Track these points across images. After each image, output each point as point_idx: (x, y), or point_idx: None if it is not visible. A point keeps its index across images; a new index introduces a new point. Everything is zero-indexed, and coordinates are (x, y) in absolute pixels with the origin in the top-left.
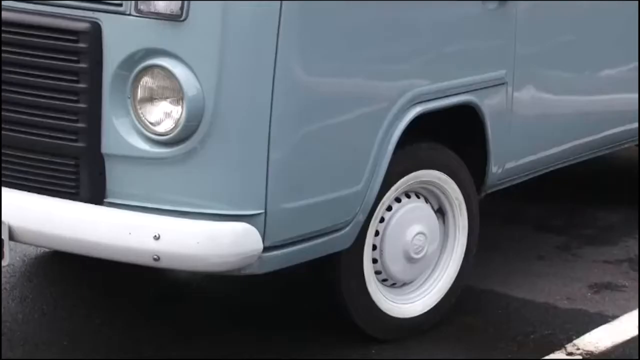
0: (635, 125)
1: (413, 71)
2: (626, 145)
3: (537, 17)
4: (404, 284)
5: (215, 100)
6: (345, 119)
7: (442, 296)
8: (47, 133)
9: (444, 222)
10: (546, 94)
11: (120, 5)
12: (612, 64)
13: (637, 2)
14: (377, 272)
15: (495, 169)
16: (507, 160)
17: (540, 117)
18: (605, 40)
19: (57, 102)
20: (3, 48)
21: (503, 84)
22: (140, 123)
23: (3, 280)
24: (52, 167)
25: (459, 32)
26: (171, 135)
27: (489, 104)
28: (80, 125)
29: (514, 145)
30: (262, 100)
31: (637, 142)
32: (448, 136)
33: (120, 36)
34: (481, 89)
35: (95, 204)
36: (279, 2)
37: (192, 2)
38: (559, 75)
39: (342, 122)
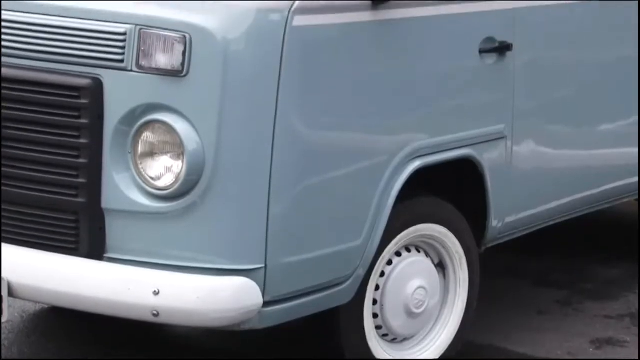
0: (635, 179)
1: (412, 125)
2: (626, 200)
3: (535, 71)
4: (405, 339)
5: (216, 155)
6: (345, 173)
7: (443, 351)
8: (47, 188)
9: (444, 276)
10: (545, 148)
11: (122, 61)
12: (611, 118)
13: (636, 56)
14: (378, 327)
15: (495, 222)
16: (507, 214)
17: (539, 171)
18: (605, 94)
19: (58, 158)
20: (4, 104)
21: (502, 138)
22: (141, 178)
23: (2, 336)
24: (51, 222)
25: (458, 86)
26: (171, 189)
27: (488, 158)
28: (80, 180)
29: (514, 199)
30: (263, 154)
31: (636, 197)
32: (448, 190)
33: (121, 91)
34: (480, 143)
35: (95, 259)
36: (280, 56)
37: (193, 57)
38: (558, 129)
39: (342, 176)
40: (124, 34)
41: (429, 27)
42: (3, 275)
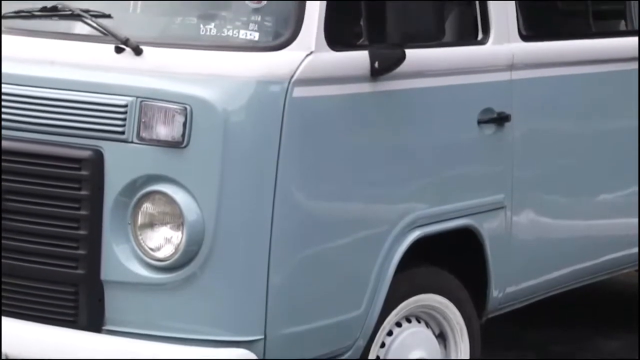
0: (635, 250)
1: (412, 195)
2: (626, 271)
3: (534, 142)
4: None
5: (216, 226)
6: (345, 243)
7: None
8: (47, 260)
9: (445, 347)
10: (545, 217)
11: (123, 133)
12: (610, 189)
13: (636, 126)
14: None
15: (496, 292)
16: (507, 284)
17: (540, 241)
18: (604, 164)
19: (58, 230)
20: (4, 177)
21: (502, 207)
22: (140, 249)
23: None
24: (50, 294)
25: (457, 156)
26: (171, 260)
27: (488, 228)
28: (80, 252)
29: (514, 269)
30: (262, 225)
31: (637, 268)
32: (448, 259)
33: (122, 163)
34: (480, 212)
35: (94, 331)
36: (280, 127)
37: (193, 128)
38: (558, 199)
39: (341, 246)
40: (125, 106)
41: (427, 98)
42: (3, 349)
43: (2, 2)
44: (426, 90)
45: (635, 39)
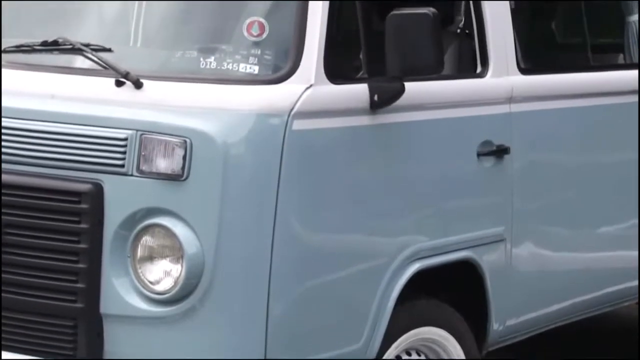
0: (635, 283)
1: (412, 227)
2: (627, 304)
3: (533, 174)
4: None
5: (215, 258)
6: (344, 275)
7: None
8: (46, 294)
9: None
10: (545, 250)
11: (123, 166)
12: (610, 221)
13: (636, 159)
14: None
15: (496, 325)
16: (508, 317)
17: (540, 274)
18: (603, 196)
19: (57, 263)
20: (4, 210)
21: (502, 240)
22: (140, 282)
23: None
24: (49, 328)
25: (456, 188)
26: (171, 293)
27: (488, 260)
28: (79, 285)
29: (514, 301)
30: (262, 257)
31: (637, 301)
32: (448, 292)
33: (121, 196)
34: (480, 245)
35: None
36: (279, 160)
37: (193, 161)
38: (558, 231)
39: (341, 278)
40: (125, 139)
41: (427, 130)
42: None
43: (2, 38)
44: (425, 123)
45: (634, 72)
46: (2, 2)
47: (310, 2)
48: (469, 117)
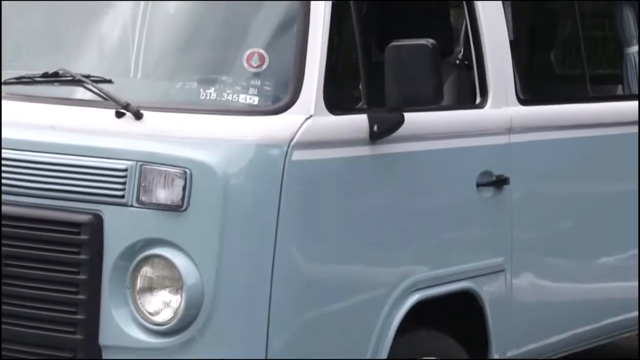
0: (635, 314)
1: (412, 258)
2: (627, 335)
3: (533, 205)
4: None
5: (215, 289)
6: (344, 305)
7: None
8: (45, 326)
9: None
10: (545, 280)
11: (122, 196)
12: (610, 252)
13: (635, 189)
14: None
15: (496, 356)
16: (508, 348)
17: (540, 304)
18: (603, 227)
19: (56, 294)
20: (4, 242)
21: (502, 270)
22: (139, 313)
23: None
24: None
25: (456, 219)
26: (170, 324)
27: (488, 291)
28: (78, 317)
29: (515, 332)
30: (262, 288)
31: (637, 331)
32: (448, 322)
33: (121, 227)
34: (480, 275)
35: None
36: (279, 190)
37: (193, 192)
38: (558, 262)
39: (341, 308)
40: (125, 170)
41: (426, 161)
42: None
43: (2, 70)
44: (425, 153)
45: (632, 103)
46: (2, 32)
47: (310, 33)
48: (468, 147)
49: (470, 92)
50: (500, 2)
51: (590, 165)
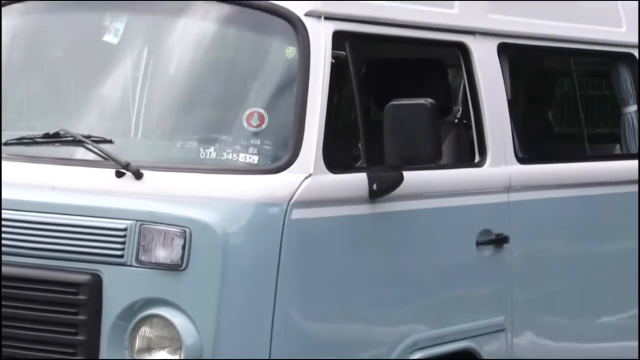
0: None
1: (411, 317)
2: None
3: (533, 263)
4: None
5: (214, 349)
6: None
7: None
8: None
9: None
10: (546, 340)
11: (122, 256)
12: (610, 311)
13: (635, 248)
14: None
15: None
16: None
17: None
18: (603, 286)
19: (55, 356)
20: (4, 303)
21: (502, 330)
22: None
23: None
24: None
25: (456, 278)
26: None
27: (488, 350)
28: None
29: None
30: (261, 348)
31: None
32: None
33: (120, 287)
34: (480, 335)
35: None
36: (278, 249)
37: (192, 251)
38: (558, 321)
39: None
40: (125, 229)
41: (426, 219)
42: None
43: (3, 131)
44: (424, 212)
45: (631, 162)
46: (3, 93)
47: (309, 92)
48: (467, 206)
49: (469, 151)
50: (498, 61)
51: (590, 224)
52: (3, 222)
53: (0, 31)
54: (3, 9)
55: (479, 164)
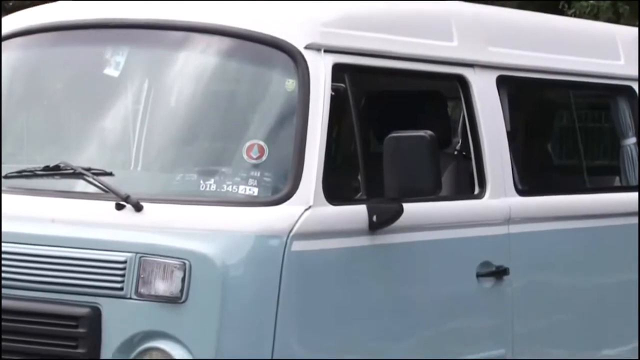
0: None
1: (411, 349)
2: None
3: (533, 295)
4: None
5: None
6: None
7: None
8: None
9: None
10: None
11: (121, 289)
12: (611, 344)
13: (636, 279)
14: None
15: None
16: None
17: None
18: (604, 318)
19: None
20: (3, 337)
21: None
22: None
23: None
24: None
25: (456, 310)
26: None
27: None
28: None
29: None
30: None
31: None
32: None
33: (120, 319)
34: None
35: None
36: (278, 281)
37: (192, 283)
38: (558, 354)
39: None
40: (124, 262)
41: (425, 251)
42: None
43: (3, 164)
44: (424, 244)
45: (630, 194)
46: (3, 126)
47: (309, 125)
48: (467, 237)
49: (469, 183)
50: (497, 93)
51: (590, 256)
52: (3, 255)
53: (0, 64)
54: (3, 42)
55: (479, 196)
